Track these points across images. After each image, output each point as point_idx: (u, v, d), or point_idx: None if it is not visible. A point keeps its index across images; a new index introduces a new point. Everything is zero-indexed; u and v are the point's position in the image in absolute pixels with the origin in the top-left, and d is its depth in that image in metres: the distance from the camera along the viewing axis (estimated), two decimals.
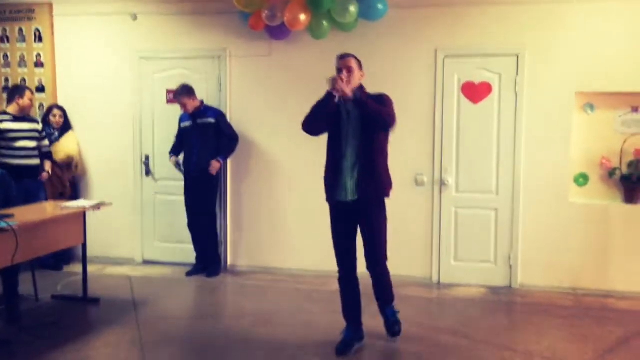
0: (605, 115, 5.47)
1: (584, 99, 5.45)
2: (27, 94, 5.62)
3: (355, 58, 3.92)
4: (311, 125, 3.84)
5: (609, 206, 5.40)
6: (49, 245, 4.65)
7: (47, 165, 5.81)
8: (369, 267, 3.98)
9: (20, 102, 5.59)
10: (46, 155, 5.84)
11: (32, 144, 5.65)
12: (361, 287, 4.06)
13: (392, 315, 4.20)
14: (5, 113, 5.63)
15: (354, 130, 3.83)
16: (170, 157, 5.85)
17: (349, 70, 3.82)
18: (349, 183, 3.84)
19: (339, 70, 3.83)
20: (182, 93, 5.65)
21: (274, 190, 6.02)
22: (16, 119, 5.60)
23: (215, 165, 5.64)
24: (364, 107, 3.74)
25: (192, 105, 5.69)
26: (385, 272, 4.07)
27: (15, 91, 5.65)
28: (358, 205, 3.85)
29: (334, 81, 3.71)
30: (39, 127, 5.78)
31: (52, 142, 5.98)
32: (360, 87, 3.90)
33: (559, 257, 5.46)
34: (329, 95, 3.73)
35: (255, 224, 6.10)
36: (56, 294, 5.20)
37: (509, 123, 5.48)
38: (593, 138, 5.48)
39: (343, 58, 3.90)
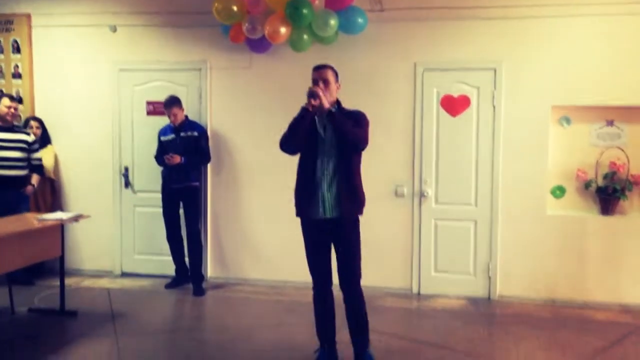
0: (581, 128, 5.57)
1: (560, 112, 5.54)
2: (4, 101, 5.53)
3: (332, 69, 3.80)
4: (290, 144, 3.67)
5: (585, 218, 5.48)
6: (26, 258, 4.58)
7: (34, 179, 5.72)
8: (342, 285, 3.80)
9: (5, 110, 5.53)
10: (35, 168, 5.75)
11: (15, 154, 5.55)
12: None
13: None
14: None
15: (331, 145, 3.69)
16: (166, 157, 5.59)
17: (325, 82, 3.71)
18: (327, 200, 3.69)
19: (315, 82, 3.71)
20: (175, 104, 5.62)
21: (253, 202, 6.02)
22: (2, 129, 5.53)
23: (176, 159, 5.54)
24: (336, 124, 3.60)
25: (181, 116, 5.67)
26: (360, 296, 3.83)
27: None
28: (334, 223, 3.72)
29: (310, 94, 3.58)
30: (29, 138, 5.68)
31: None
32: (337, 102, 3.79)
33: (537, 268, 5.52)
34: (304, 111, 3.61)
35: (234, 236, 6.08)
36: (33, 307, 5.12)
37: (487, 136, 5.55)
38: (569, 151, 5.58)
39: (319, 69, 3.77)
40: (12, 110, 5.56)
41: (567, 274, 5.48)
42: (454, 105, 5.62)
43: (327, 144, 3.70)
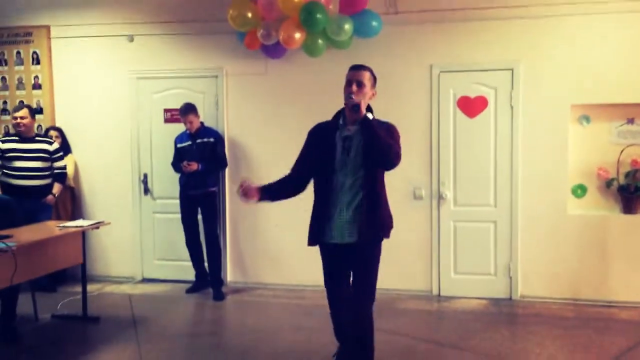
0: (601, 126, 5.51)
1: (580, 111, 5.49)
2: (18, 112, 5.54)
3: (371, 72, 3.43)
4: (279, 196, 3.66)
5: (607, 217, 5.41)
6: (48, 266, 4.65)
7: (55, 188, 5.77)
8: (355, 306, 3.50)
9: (13, 122, 5.62)
10: (57, 177, 5.80)
11: (35, 164, 5.61)
12: None
13: None
14: (13, 134, 5.68)
15: (354, 160, 3.33)
16: (183, 164, 5.63)
17: (360, 85, 3.33)
18: (347, 223, 3.37)
19: (349, 83, 3.35)
20: (190, 111, 5.66)
21: (270, 207, 5.99)
22: (23, 139, 5.60)
23: (193, 166, 5.57)
24: (374, 136, 3.21)
25: (197, 123, 5.72)
26: (369, 324, 3.47)
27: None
28: (355, 247, 3.39)
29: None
30: (51, 147, 5.73)
31: None
32: (369, 109, 3.41)
33: (559, 268, 5.46)
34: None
35: (253, 241, 6.10)
36: (56, 314, 5.19)
37: (505, 136, 5.52)
38: (589, 149, 5.51)
39: (356, 69, 3.39)
40: (18, 120, 5.51)
41: (590, 273, 5.41)
42: (471, 106, 5.59)
43: (349, 158, 3.36)
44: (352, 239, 3.38)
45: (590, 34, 5.33)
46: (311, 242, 3.54)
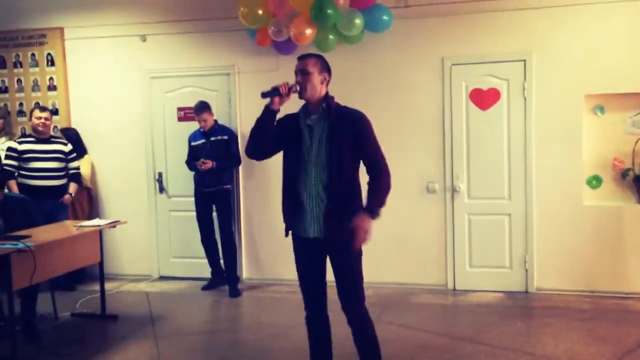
0: (615, 116, 5.46)
1: (594, 101, 5.45)
2: (35, 113, 5.67)
3: (317, 57, 3.29)
4: (251, 147, 3.28)
5: (623, 207, 5.37)
6: (66, 265, 4.71)
7: (71, 188, 5.85)
8: (344, 308, 3.31)
9: (30, 123, 5.72)
10: (72, 177, 5.88)
11: (52, 165, 5.68)
12: None
13: None
14: (29, 135, 5.77)
15: (319, 150, 3.17)
16: (198, 163, 5.66)
17: (304, 73, 3.20)
18: (315, 217, 3.19)
19: (295, 74, 3.26)
20: (204, 109, 5.69)
21: None
22: (39, 140, 5.68)
23: (208, 164, 5.61)
24: (382, 205, 3.13)
25: (211, 121, 5.76)
26: (365, 318, 3.31)
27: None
28: (326, 241, 3.21)
29: (271, 92, 3.19)
30: (66, 148, 5.81)
31: None
32: (326, 97, 3.28)
33: (575, 259, 5.44)
34: (266, 111, 3.21)
35: (268, 237, 6.12)
36: (75, 312, 5.26)
37: (518, 128, 5.49)
38: (604, 140, 5.47)
39: (300, 59, 3.29)
40: (43, 120, 5.66)
41: (606, 265, 5.38)
42: (483, 98, 5.57)
43: (313, 148, 3.19)
44: (325, 235, 3.20)
45: (603, 23, 5.28)
46: (287, 229, 3.39)
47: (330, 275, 3.33)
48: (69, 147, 5.87)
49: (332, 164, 3.15)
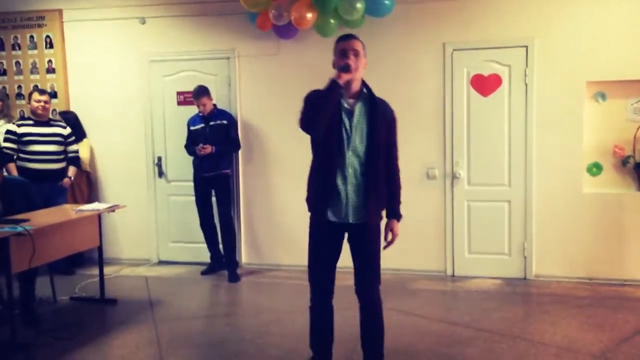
0: (616, 103, 5.44)
1: (595, 88, 5.42)
2: (34, 95, 5.67)
3: (361, 41, 3.26)
4: (315, 123, 3.09)
5: (623, 195, 5.37)
6: (65, 249, 4.70)
7: (70, 171, 5.85)
8: (360, 291, 3.37)
9: (29, 106, 5.70)
10: (72, 160, 5.87)
11: (51, 148, 5.67)
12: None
13: None
14: (27, 118, 5.75)
15: (357, 134, 3.17)
16: (198, 147, 5.62)
17: (356, 54, 3.15)
18: (351, 203, 3.21)
19: (343, 53, 3.15)
20: (203, 94, 5.65)
21: (284, 188, 6.05)
22: (38, 123, 5.66)
23: (207, 149, 5.59)
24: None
25: (210, 106, 5.72)
26: (379, 303, 3.38)
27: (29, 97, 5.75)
28: (357, 227, 3.26)
29: (343, 67, 3.07)
30: (65, 131, 5.80)
31: None
32: (363, 82, 3.28)
33: (574, 247, 5.44)
34: (333, 84, 3.05)
35: (267, 222, 6.13)
36: (74, 296, 5.27)
37: (519, 114, 5.47)
38: (605, 127, 5.45)
39: (348, 39, 3.20)
40: (42, 104, 5.66)
41: (605, 252, 5.39)
42: (484, 84, 5.54)
43: (352, 132, 3.17)
44: (358, 219, 3.23)
45: (606, 10, 5.24)
46: (316, 216, 3.35)
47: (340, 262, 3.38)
48: (68, 130, 5.85)
49: (371, 148, 3.18)
